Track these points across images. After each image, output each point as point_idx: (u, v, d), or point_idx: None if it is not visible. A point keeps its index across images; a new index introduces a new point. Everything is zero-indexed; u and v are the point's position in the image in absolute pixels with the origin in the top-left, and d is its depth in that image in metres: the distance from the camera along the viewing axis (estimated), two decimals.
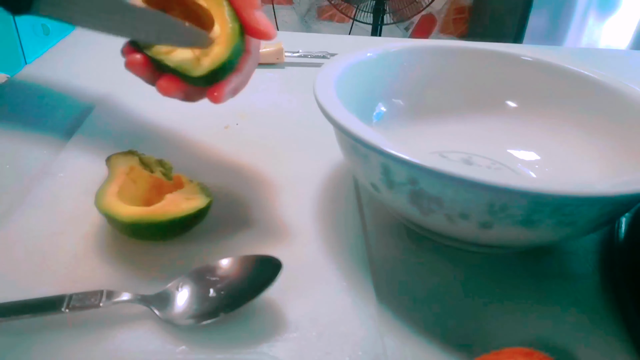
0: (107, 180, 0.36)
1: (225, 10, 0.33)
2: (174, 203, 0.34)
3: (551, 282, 0.35)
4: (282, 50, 0.67)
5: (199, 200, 0.35)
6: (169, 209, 0.34)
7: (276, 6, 2.38)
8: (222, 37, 0.32)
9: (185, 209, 0.34)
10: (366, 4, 1.80)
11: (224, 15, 0.33)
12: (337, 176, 0.45)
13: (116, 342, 0.28)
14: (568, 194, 0.27)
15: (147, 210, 0.33)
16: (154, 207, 0.34)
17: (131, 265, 0.34)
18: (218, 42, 0.32)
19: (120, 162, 0.38)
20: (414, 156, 0.28)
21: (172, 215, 0.33)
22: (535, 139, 0.45)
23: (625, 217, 0.38)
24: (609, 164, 0.39)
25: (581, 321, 0.32)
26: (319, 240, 0.37)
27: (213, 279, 0.31)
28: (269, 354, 0.28)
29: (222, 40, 0.32)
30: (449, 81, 0.47)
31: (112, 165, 0.38)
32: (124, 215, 0.33)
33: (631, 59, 0.86)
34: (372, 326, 0.31)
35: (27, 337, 0.28)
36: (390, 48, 0.46)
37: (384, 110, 0.46)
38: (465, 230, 0.32)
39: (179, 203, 0.34)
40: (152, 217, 0.33)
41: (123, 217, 0.33)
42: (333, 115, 0.32)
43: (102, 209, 0.34)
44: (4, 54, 0.60)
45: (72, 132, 0.48)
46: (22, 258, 0.34)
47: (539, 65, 0.46)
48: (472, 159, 0.45)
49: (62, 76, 0.60)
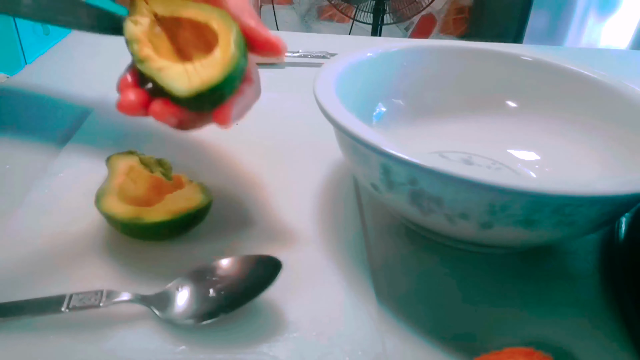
0: (107, 180, 0.36)
1: (232, 35, 0.32)
2: (174, 203, 0.34)
3: (551, 282, 0.35)
4: None
5: (199, 200, 0.35)
6: (169, 209, 0.34)
7: (276, 6, 2.38)
8: (220, 60, 0.31)
9: (185, 208, 0.34)
10: (366, 4, 1.80)
11: (229, 40, 0.32)
12: (337, 176, 0.45)
13: (116, 342, 0.28)
14: (568, 194, 0.27)
15: (146, 210, 0.34)
16: (154, 207, 0.34)
17: (131, 265, 0.34)
18: (214, 65, 0.31)
19: (120, 162, 0.38)
20: (414, 156, 0.28)
21: (172, 215, 0.33)
22: (535, 139, 0.45)
23: (625, 217, 0.38)
24: (609, 164, 0.39)
25: (581, 321, 0.32)
26: (319, 240, 0.37)
27: (213, 279, 0.31)
28: (269, 354, 0.28)
29: (218, 63, 0.31)
30: (449, 81, 0.47)
31: (112, 165, 0.38)
32: (124, 215, 0.33)
33: (631, 59, 0.86)
34: (372, 326, 0.31)
35: (27, 337, 0.28)
36: (390, 48, 0.46)
37: (384, 110, 0.46)
38: (465, 230, 0.32)
39: (179, 203, 0.34)
40: (151, 217, 0.33)
41: (123, 216, 0.33)
42: (333, 115, 0.32)
43: (102, 209, 0.34)
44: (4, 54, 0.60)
45: (72, 132, 0.48)
46: (22, 258, 0.34)
47: (539, 65, 0.46)
48: (472, 159, 0.45)
49: (62, 76, 0.60)
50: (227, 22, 0.32)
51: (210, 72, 0.30)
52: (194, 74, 0.30)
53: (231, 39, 0.31)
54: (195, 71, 0.31)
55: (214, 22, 0.32)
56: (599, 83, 0.42)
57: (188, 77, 0.30)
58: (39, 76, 0.60)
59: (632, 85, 0.41)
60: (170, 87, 0.30)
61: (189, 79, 0.30)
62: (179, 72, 0.31)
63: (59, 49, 0.69)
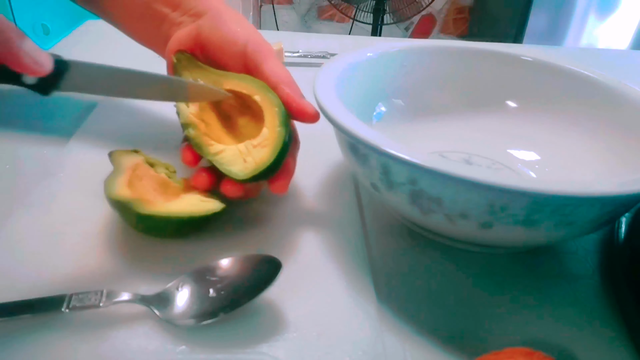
0: (113, 173, 0.36)
1: (276, 112, 0.35)
2: (190, 203, 0.35)
3: (551, 282, 0.35)
4: (282, 50, 0.67)
5: (214, 203, 0.35)
6: (186, 208, 0.34)
7: (276, 6, 2.38)
8: (269, 139, 0.35)
9: (202, 210, 0.34)
10: (366, 4, 1.80)
11: (274, 118, 0.35)
12: (337, 176, 0.45)
13: (116, 342, 0.28)
14: (568, 194, 0.27)
15: (164, 206, 0.34)
16: (172, 204, 0.35)
17: (131, 265, 0.34)
18: (265, 145, 0.35)
19: (125, 158, 0.38)
20: (414, 156, 0.28)
21: (190, 214, 0.34)
22: (535, 139, 0.45)
23: (625, 217, 0.38)
24: (609, 163, 0.39)
25: (581, 321, 0.32)
26: (319, 240, 0.37)
27: (213, 279, 0.31)
28: (269, 354, 0.28)
29: (269, 143, 0.34)
30: (449, 81, 0.47)
31: (117, 159, 0.38)
32: (141, 207, 0.33)
33: (631, 59, 0.86)
34: (372, 326, 0.31)
35: (27, 337, 0.28)
36: (390, 48, 0.46)
37: (384, 110, 0.46)
38: (465, 230, 0.32)
39: (196, 203, 0.35)
40: (170, 213, 0.33)
41: (140, 208, 0.33)
42: (333, 115, 0.32)
43: (115, 198, 0.33)
44: None
45: (72, 132, 0.48)
46: (22, 258, 0.34)
47: (539, 65, 0.46)
48: (472, 159, 0.45)
49: None
50: (269, 95, 0.36)
51: (262, 154, 0.34)
52: (248, 156, 0.35)
53: (276, 117, 0.35)
54: (249, 152, 0.35)
55: (255, 94, 0.36)
56: (599, 83, 0.42)
57: (243, 160, 0.34)
58: None
59: (632, 85, 0.41)
60: (229, 173, 0.34)
61: (244, 162, 0.34)
62: (234, 155, 0.35)
63: (59, 49, 0.69)
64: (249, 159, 0.34)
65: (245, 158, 0.35)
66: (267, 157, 0.34)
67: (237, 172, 0.34)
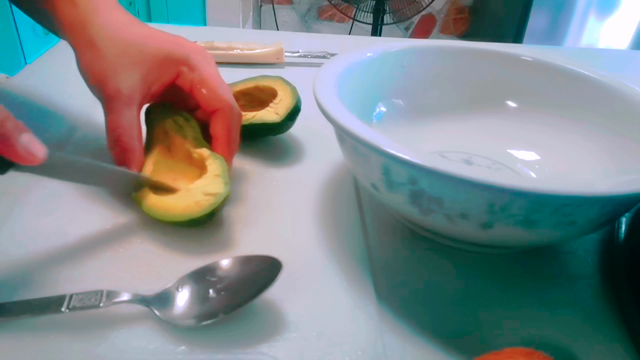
0: (146, 142, 0.40)
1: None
2: (194, 200, 0.35)
3: (551, 282, 0.35)
4: (282, 50, 0.67)
5: (215, 197, 0.35)
6: (187, 210, 0.35)
7: (276, 6, 2.38)
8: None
9: (203, 209, 0.35)
10: (366, 4, 1.80)
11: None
12: (337, 176, 0.45)
13: (116, 342, 0.28)
14: (568, 194, 0.27)
15: (165, 205, 0.36)
16: (177, 199, 0.36)
17: (131, 265, 0.34)
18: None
19: (158, 121, 0.41)
20: (414, 156, 0.28)
21: (189, 216, 0.35)
22: (535, 139, 0.45)
23: (625, 217, 0.38)
24: (609, 163, 0.39)
25: (581, 321, 0.32)
26: (319, 240, 0.37)
27: (213, 279, 0.31)
28: (269, 354, 0.28)
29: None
30: (449, 81, 0.47)
31: (151, 123, 0.41)
32: (146, 208, 0.36)
33: (631, 59, 0.86)
34: (372, 326, 0.31)
35: (27, 337, 0.28)
36: (390, 48, 0.46)
37: (384, 110, 0.46)
38: (465, 230, 0.32)
39: (197, 198, 0.35)
40: (168, 217, 0.35)
41: (145, 208, 0.36)
42: (333, 115, 0.32)
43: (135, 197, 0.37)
44: (4, 54, 0.60)
45: (72, 132, 0.48)
46: (22, 258, 0.34)
47: (539, 65, 0.46)
48: (472, 159, 0.45)
49: (62, 76, 0.60)
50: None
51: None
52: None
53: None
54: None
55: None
56: (599, 83, 0.42)
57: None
58: (39, 76, 0.59)
59: (632, 85, 0.41)
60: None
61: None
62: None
63: (59, 49, 0.69)
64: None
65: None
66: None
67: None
